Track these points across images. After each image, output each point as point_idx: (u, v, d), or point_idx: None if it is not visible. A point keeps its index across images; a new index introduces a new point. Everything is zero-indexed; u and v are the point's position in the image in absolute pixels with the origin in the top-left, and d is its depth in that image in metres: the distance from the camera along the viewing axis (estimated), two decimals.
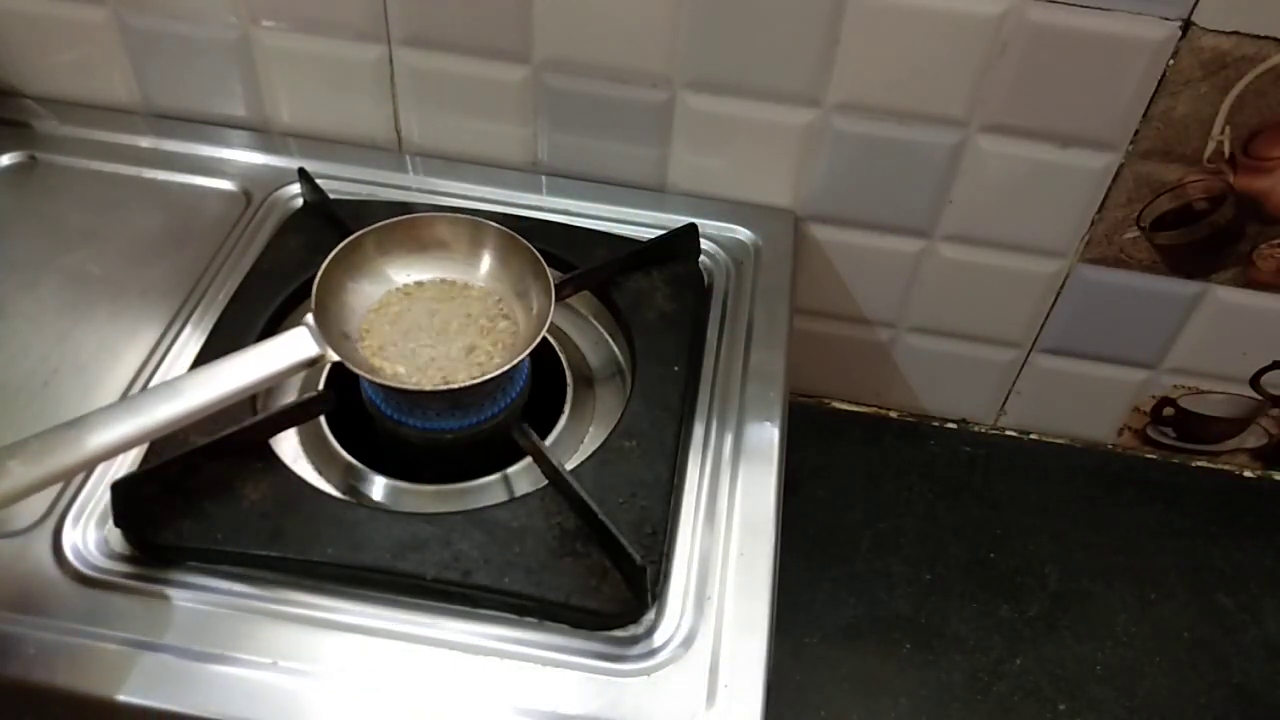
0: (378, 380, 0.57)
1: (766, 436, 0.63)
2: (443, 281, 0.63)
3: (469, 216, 0.64)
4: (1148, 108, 0.69)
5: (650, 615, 0.54)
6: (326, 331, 0.56)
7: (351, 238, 0.61)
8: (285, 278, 0.68)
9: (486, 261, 0.63)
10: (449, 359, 0.59)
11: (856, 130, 0.74)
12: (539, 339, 0.57)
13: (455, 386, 0.56)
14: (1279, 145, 0.70)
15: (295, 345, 0.55)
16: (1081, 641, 0.78)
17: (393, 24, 0.75)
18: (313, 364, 0.55)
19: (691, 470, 0.61)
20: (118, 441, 0.49)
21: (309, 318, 0.56)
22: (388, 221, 0.62)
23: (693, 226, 0.73)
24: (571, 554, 0.54)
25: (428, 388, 0.57)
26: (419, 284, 0.63)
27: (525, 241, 0.62)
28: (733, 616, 0.54)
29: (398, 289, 0.63)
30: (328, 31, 0.76)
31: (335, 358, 0.56)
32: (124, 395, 0.62)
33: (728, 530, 0.58)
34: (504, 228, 0.63)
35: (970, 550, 0.83)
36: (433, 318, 0.61)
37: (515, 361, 0.57)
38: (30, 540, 0.54)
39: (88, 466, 0.50)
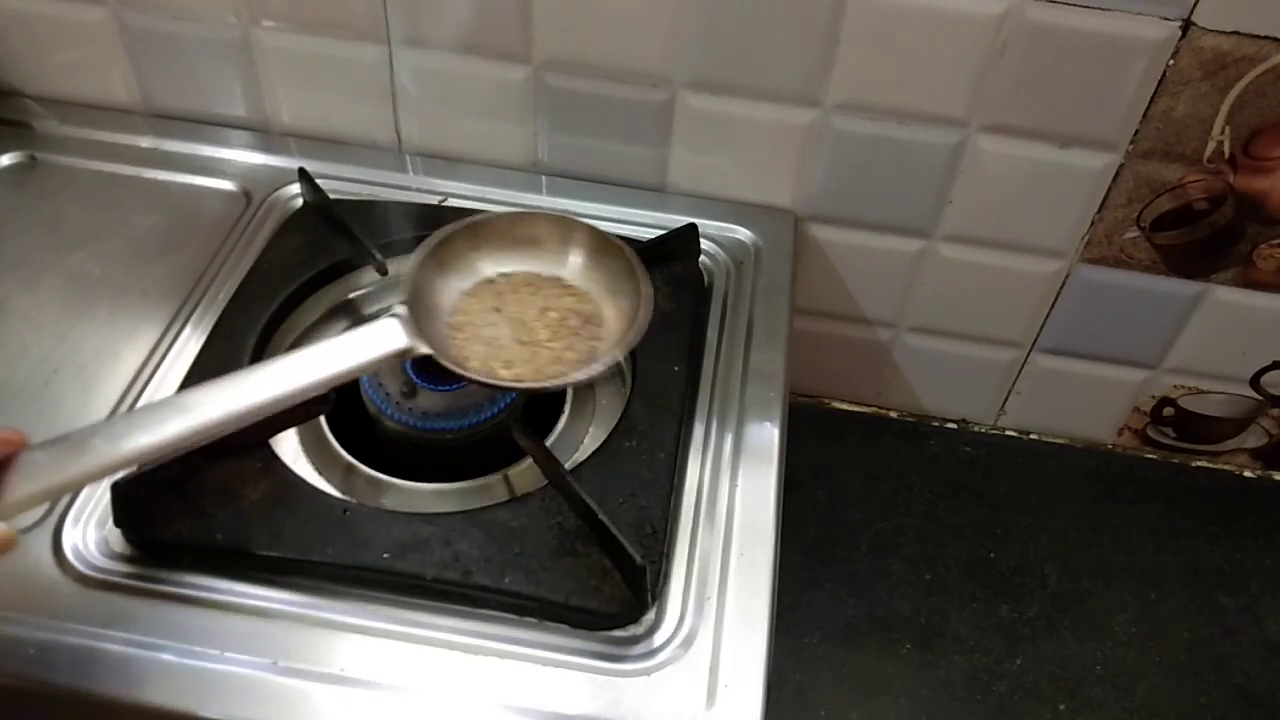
0: (469, 375, 0.54)
1: (766, 436, 0.63)
2: (534, 276, 0.61)
3: (561, 214, 0.62)
4: (1148, 108, 0.69)
5: (650, 615, 0.54)
6: (416, 323, 0.54)
7: (444, 231, 0.59)
8: (285, 278, 0.68)
9: (578, 259, 0.61)
10: (540, 355, 0.57)
11: (856, 130, 0.74)
12: (637, 338, 0.55)
13: (550, 385, 0.55)
14: (1279, 145, 0.70)
15: (386, 336, 0.53)
16: (1081, 641, 0.78)
17: (393, 24, 0.75)
18: (403, 356, 0.53)
19: (691, 470, 0.61)
20: (175, 437, 0.46)
21: (400, 308, 0.54)
22: (480, 217, 0.61)
23: (693, 226, 0.73)
24: (571, 554, 0.54)
25: (527, 384, 0.55)
26: (507, 276, 0.61)
27: (618, 240, 0.60)
28: (733, 616, 0.54)
29: (487, 281, 0.60)
30: (328, 31, 0.76)
31: (426, 350, 0.53)
32: (123, 395, 0.62)
33: (728, 530, 0.58)
34: (595, 226, 0.61)
35: (970, 550, 0.83)
36: (523, 313, 0.59)
37: (609, 362, 0.55)
38: (30, 540, 0.54)
39: (134, 463, 0.46)
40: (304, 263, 0.69)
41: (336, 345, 0.52)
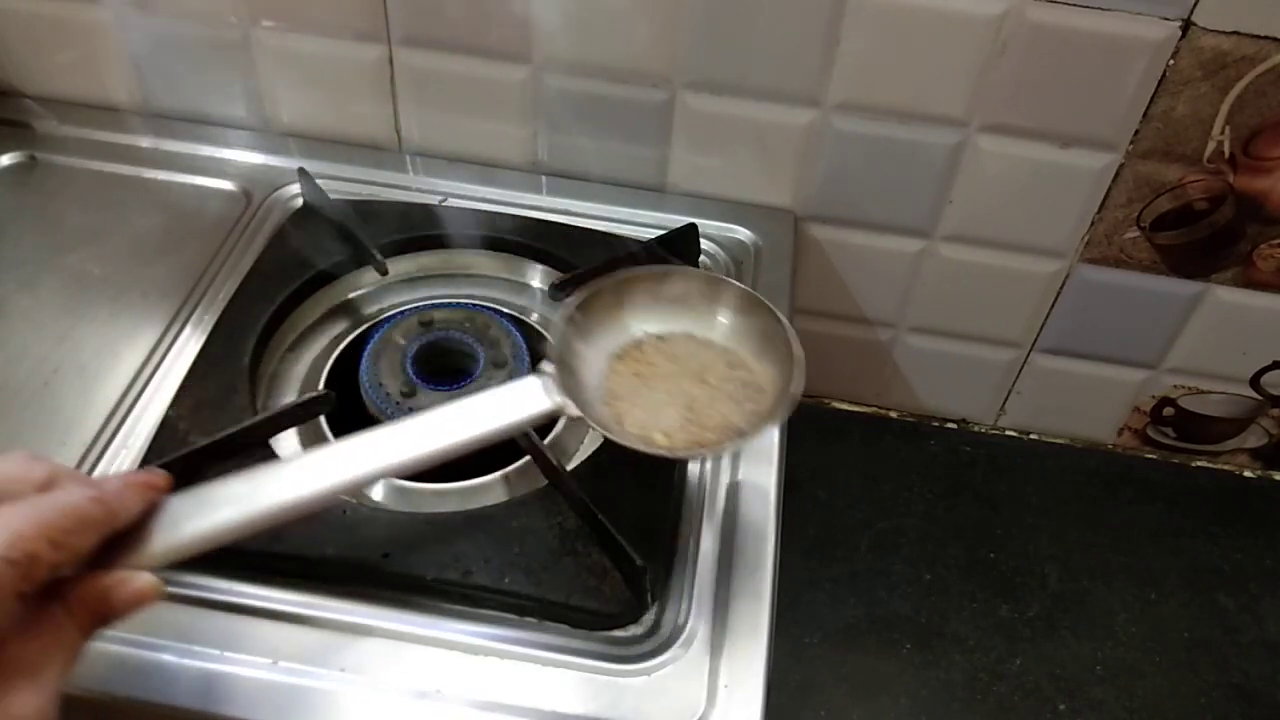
0: (616, 439, 0.50)
1: (766, 436, 0.63)
2: (686, 337, 0.58)
3: (709, 273, 0.59)
4: (1148, 108, 0.69)
5: (650, 615, 0.54)
6: (563, 382, 0.51)
7: (591, 287, 0.56)
8: (285, 278, 0.68)
9: (726, 319, 0.58)
10: (695, 418, 0.53)
11: (856, 130, 0.74)
12: (793, 403, 0.52)
13: (706, 453, 0.52)
14: (1279, 145, 0.70)
15: (533, 397, 0.50)
16: (1081, 641, 0.78)
17: (393, 24, 0.75)
18: (551, 417, 0.50)
19: (691, 470, 0.61)
20: (312, 496, 0.43)
21: (547, 366, 0.51)
22: (628, 273, 0.58)
23: (693, 226, 0.73)
24: (571, 554, 0.54)
25: (681, 454, 0.52)
26: (659, 337, 0.58)
27: (766, 301, 0.56)
28: (733, 616, 0.54)
29: (635, 342, 0.57)
30: (328, 31, 0.76)
31: (575, 412, 0.50)
32: (123, 395, 0.62)
33: (728, 530, 0.58)
34: (745, 287, 0.58)
35: (970, 550, 0.83)
36: (677, 376, 0.56)
37: (763, 432, 0.52)
38: None
39: (273, 523, 0.43)
40: (304, 263, 0.69)
41: (482, 404, 0.49)
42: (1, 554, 0.34)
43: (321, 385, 0.64)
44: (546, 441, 0.61)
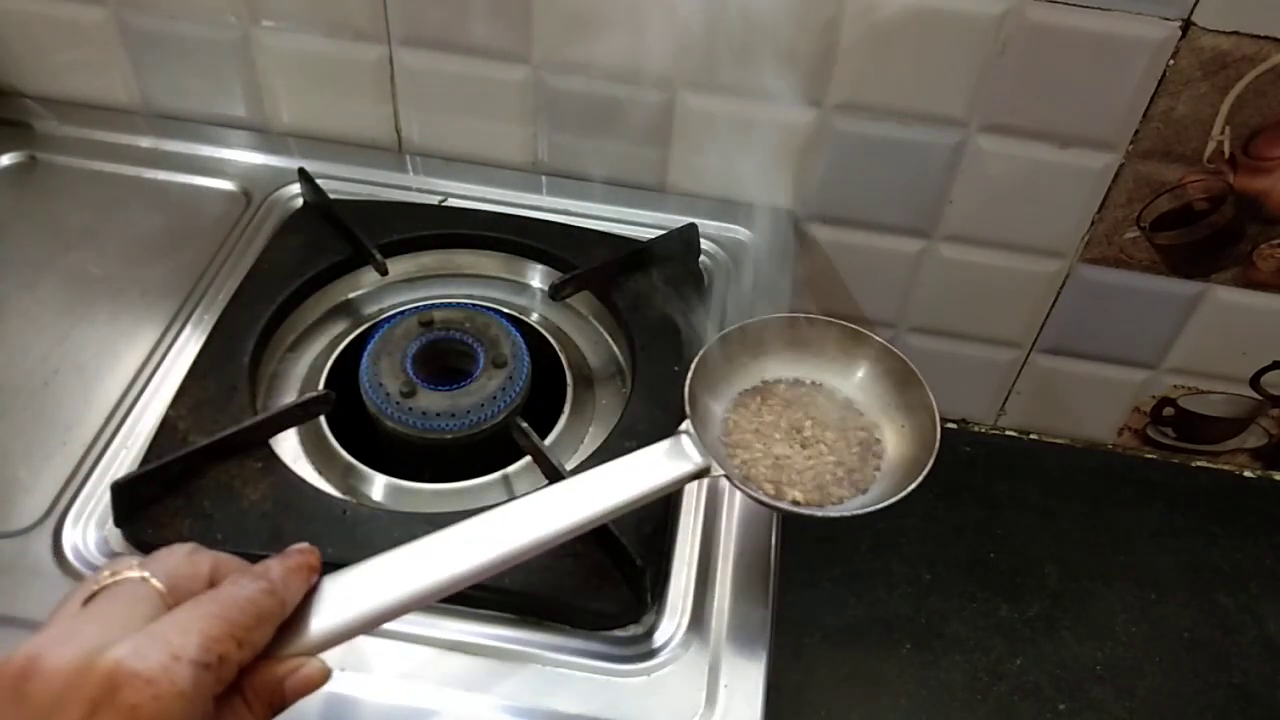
0: (751, 494, 0.51)
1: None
2: (808, 384, 0.58)
3: (845, 324, 0.58)
4: (1148, 108, 0.69)
5: (650, 616, 0.54)
6: (701, 436, 0.50)
7: (722, 334, 0.56)
8: (285, 278, 0.68)
9: (860, 371, 0.58)
10: (818, 473, 0.53)
11: (856, 130, 0.74)
12: (929, 467, 0.52)
13: (837, 514, 0.51)
14: (1279, 145, 0.70)
15: (679, 459, 0.49)
16: (1081, 641, 0.78)
17: (393, 24, 0.75)
18: (696, 478, 0.49)
19: None
20: (468, 572, 0.42)
21: (686, 424, 0.50)
22: (763, 318, 0.58)
23: (693, 226, 0.73)
24: (571, 554, 0.54)
25: (806, 511, 0.51)
26: (788, 383, 0.57)
27: (901, 355, 0.56)
28: (733, 616, 0.54)
29: (759, 388, 0.57)
30: (328, 31, 0.76)
31: (720, 472, 0.49)
32: (123, 395, 0.62)
33: (727, 530, 0.58)
34: (884, 341, 0.57)
35: (970, 550, 0.83)
36: (798, 424, 0.55)
37: (903, 495, 0.51)
38: (30, 540, 0.54)
39: (428, 601, 0.42)
40: (304, 263, 0.69)
41: (629, 468, 0.48)
42: (198, 658, 0.34)
43: (321, 385, 0.64)
44: (547, 442, 0.61)
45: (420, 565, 0.42)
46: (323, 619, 0.39)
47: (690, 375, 0.53)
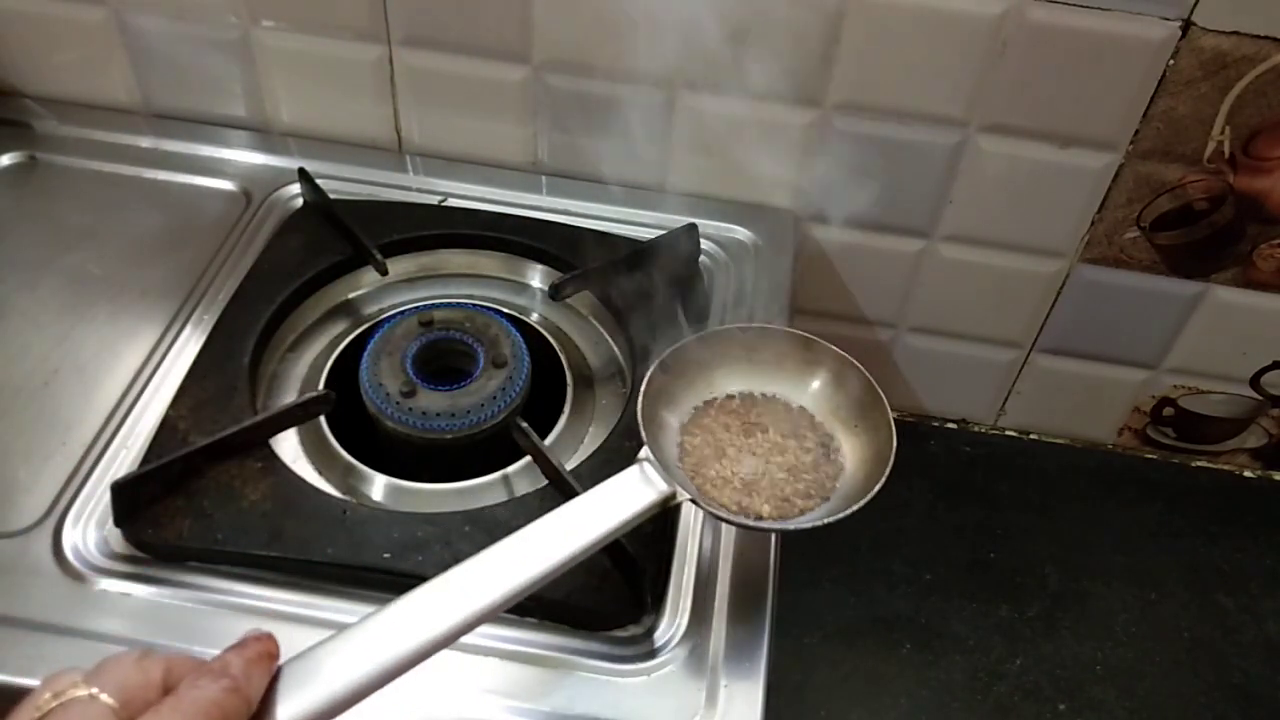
0: (717, 514, 0.50)
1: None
2: (760, 396, 0.57)
3: (801, 333, 0.57)
4: (1148, 108, 0.69)
5: (650, 616, 0.54)
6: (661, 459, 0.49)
7: (676, 347, 0.55)
8: (285, 278, 0.68)
9: (816, 382, 0.57)
10: (778, 485, 0.52)
11: (856, 130, 0.74)
12: (882, 481, 0.50)
13: (795, 526, 0.50)
14: (1279, 145, 0.70)
15: (643, 488, 0.48)
16: (1081, 641, 0.78)
17: (393, 24, 0.75)
18: (664, 504, 0.48)
19: None
20: (430, 641, 0.40)
21: (645, 451, 0.49)
22: (715, 330, 0.57)
23: (693, 226, 0.73)
24: None
25: (766, 524, 0.51)
26: (744, 396, 0.57)
27: (859, 366, 0.55)
28: (733, 616, 0.54)
29: (712, 402, 0.56)
30: (328, 31, 0.76)
31: (686, 496, 0.48)
32: (123, 395, 0.62)
33: (727, 530, 0.58)
34: (838, 350, 0.56)
35: (970, 550, 0.83)
36: (752, 437, 0.55)
37: (869, 497, 0.49)
38: (30, 540, 0.54)
39: (392, 678, 0.40)
40: (304, 263, 0.69)
41: (590, 505, 0.47)
42: None
43: (321, 385, 0.64)
44: (547, 442, 0.61)
45: (384, 637, 0.40)
46: (290, 707, 0.37)
47: (641, 401, 0.52)
